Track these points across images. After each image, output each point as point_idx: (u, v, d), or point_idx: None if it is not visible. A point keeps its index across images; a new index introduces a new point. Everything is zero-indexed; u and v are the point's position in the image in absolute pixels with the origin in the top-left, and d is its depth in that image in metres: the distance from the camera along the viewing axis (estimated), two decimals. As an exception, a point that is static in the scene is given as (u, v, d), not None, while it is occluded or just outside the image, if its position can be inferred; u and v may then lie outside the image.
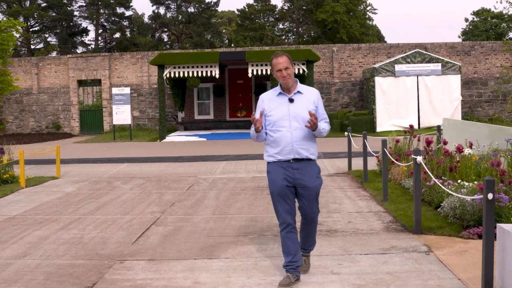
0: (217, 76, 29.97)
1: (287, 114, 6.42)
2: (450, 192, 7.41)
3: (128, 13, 66.67)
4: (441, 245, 7.90)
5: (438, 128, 16.44)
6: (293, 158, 6.41)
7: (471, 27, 65.45)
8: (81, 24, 66.13)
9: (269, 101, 6.57)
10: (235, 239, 8.65)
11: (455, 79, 31.14)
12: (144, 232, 9.30)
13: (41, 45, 65.47)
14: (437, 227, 8.74)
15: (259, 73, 29.57)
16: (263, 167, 17.49)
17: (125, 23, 65.93)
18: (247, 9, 68.27)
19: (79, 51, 65.26)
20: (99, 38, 66.43)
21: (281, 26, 70.62)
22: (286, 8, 68.45)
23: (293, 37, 68.38)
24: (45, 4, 62.14)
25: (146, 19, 70.58)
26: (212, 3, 67.20)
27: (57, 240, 8.84)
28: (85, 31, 66.46)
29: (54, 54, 63.71)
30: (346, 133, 16.28)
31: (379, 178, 13.63)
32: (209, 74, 29.77)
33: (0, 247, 8.49)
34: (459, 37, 68.63)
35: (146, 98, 37.77)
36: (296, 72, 29.31)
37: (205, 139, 29.76)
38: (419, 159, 8.58)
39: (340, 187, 13.39)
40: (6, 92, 33.34)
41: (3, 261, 7.76)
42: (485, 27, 62.69)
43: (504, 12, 36.71)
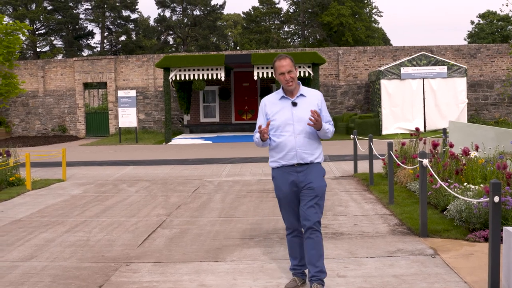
0: (222, 79, 29.99)
1: (290, 118, 6.26)
2: (456, 195, 7.40)
3: (134, 16, 66.83)
4: (447, 248, 7.89)
5: (444, 131, 16.42)
6: (297, 163, 6.27)
7: (477, 29, 65.30)
8: (87, 27, 66.25)
9: (271, 105, 6.43)
10: (241, 241, 8.66)
11: (461, 81, 31.09)
12: (150, 234, 9.31)
13: (47, 48, 65.62)
14: (443, 230, 8.73)
15: (265, 76, 29.56)
16: (268, 170, 17.45)
17: (130, 26, 66.02)
18: (252, 12, 68.27)
19: (85, 54, 65.39)
20: (105, 41, 66.53)
21: (286, 29, 70.61)
22: (291, 11, 68.43)
23: (299, 40, 68.35)
24: (51, 7, 62.26)
25: (151, 22, 70.60)
26: (218, 6, 67.26)
27: (63, 243, 8.85)
28: (91, 34, 66.60)
29: (60, 57, 63.85)
30: (351, 136, 16.26)
31: (385, 181, 13.63)
32: (214, 77, 29.79)
33: (7, 250, 8.51)
34: (465, 39, 68.51)
35: (151, 101, 37.81)
36: (302, 75, 29.33)
37: (210, 142, 29.77)
38: (425, 162, 8.57)
39: (346, 190, 13.38)
40: (12, 95, 33.43)
41: (9, 263, 7.78)
42: (491, 30, 62.57)
43: (510, 14, 36.63)
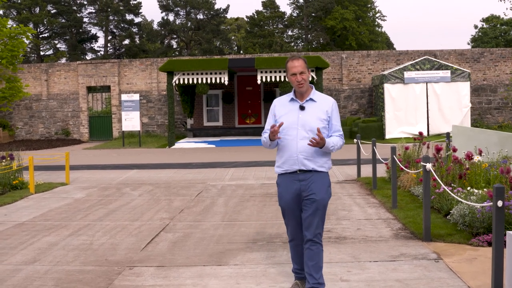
0: (226, 82, 30.01)
1: (295, 122, 6.05)
2: (460, 199, 7.39)
3: (138, 19, 66.90)
4: (451, 252, 7.88)
5: (448, 135, 16.41)
6: (299, 169, 6.05)
7: (480, 34, 65.30)
8: (90, 30, 66.41)
9: (280, 106, 6.25)
10: (244, 246, 8.66)
11: (465, 86, 31.09)
12: (153, 238, 9.31)
13: (50, 52, 65.71)
14: (446, 234, 8.73)
15: (268, 80, 29.58)
16: (272, 174, 17.49)
17: (134, 30, 66.14)
18: (256, 16, 68.34)
19: (88, 58, 65.48)
20: (109, 45, 66.64)
21: (290, 33, 70.67)
22: (295, 15, 68.50)
23: (302, 44, 68.40)
24: (54, 11, 62.41)
25: (155, 26, 70.71)
26: (221, 10, 67.36)
27: (67, 246, 8.86)
28: (95, 37, 66.71)
29: (64, 60, 63.90)
30: (355, 140, 16.26)
31: (388, 185, 13.62)
32: (218, 81, 29.81)
33: (10, 253, 8.51)
34: (468, 44, 68.52)
35: (155, 105, 37.85)
36: (305, 79, 29.28)
37: (214, 146, 29.78)
38: (429, 166, 8.57)
39: (349, 194, 13.38)
40: (16, 98, 33.46)
41: (12, 267, 7.79)
42: (495, 34, 62.55)
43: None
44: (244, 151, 26.15)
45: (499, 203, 5.65)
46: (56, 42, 65.41)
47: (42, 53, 64.42)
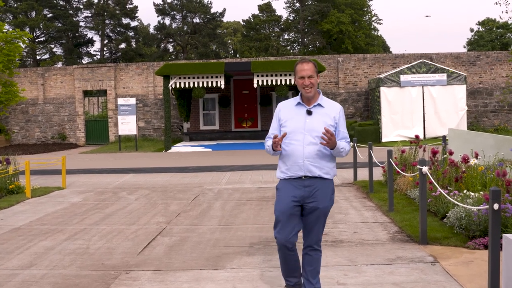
0: (222, 86, 30.02)
1: (302, 127, 5.87)
2: (456, 202, 7.41)
3: (134, 23, 66.99)
4: (447, 255, 7.89)
5: (444, 138, 16.43)
6: (304, 175, 5.86)
7: (476, 37, 65.44)
8: (86, 34, 66.37)
9: (286, 110, 6.05)
10: (240, 249, 8.65)
11: (461, 89, 31.13)
12: (150, 242, 9.31)
13: (46, 56, 65.67)
14: (443, 237, 8.73)
15: (265, 83, 29.59)
16: (268, 177, 17.50)
17: (130, 34, 66.15)
18: (252, 20, 68.44)
19: (84, 62, 65.44)
20: (105, 49, 66.65)
21: (286, 37, 70.77)
22: (291, 18, 68.57)
23: (298, 47, 68.45)
24: (50, 15, 62.40)
25: (151, 30, 70.72)
26: (218, 13, 67.40)
27: (63, 251, 8.85)
28: (91, 41, 66.72)
29: (60, 64, 63.88)
30: (351, 143, 16.27)
31: (385, 189, 13.63)
32: (214, 85, 29.82)
33: (6, 258, 8.50)
34: (464, 47, 68.65)
35: (151, 109, 37.83)
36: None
37: (210, 150, 29.78)
38: (425, 169, 8.58)
39: (346, 198, 13.38)
40: (12, 102, 33.38)
41: (9, 271, 7.78)
42: (491, 37, 62.68)
43: (509, 22, 36.69)
44: (241, 154, 26.15)
45: (495, 206, 5.65)
46: (52, 46, 65.39)
47: (38, 57, 64.40)
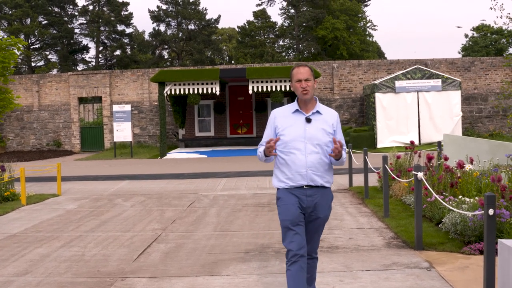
0: (217, 93, 30.02)
1: (302, 135, 5.70)
2: (451, 208, 7.41)
3: (129, 30, 67.03)
4: (443, 261, 7.89)
5: (439, 144, 16.45)
6: (307, 184, 5.69)
7: (471, 43, 65.55)
8: (81, 41, 66.36)
9: (282, 118, 5.85)
10: (236, 256, 8.65)
11: (455, 95, 31.18)
12: (146, 249, 9.30)
13: (41, 63, 65.63)
14: (438, 243, 8.74)
15: (260, 90, 29.62)
16: (264, 183, 17.49)
17: (125, 41, 66.14)
18: (247, 26, 68.47)
19: (79, 69, 65.43)
20: (100, 56, 66.63)
21: (281, 43, 70.82)
22: (286, 25, 68.68)
23: (293, 53, 68.50)
24: (45, 22, 62.39)
25: (146, 37, 70.79)
26: (213, 20, 67.46)
27: (59, 258, 8.83)
28: (86, 48, 66.69)
29: (55, 71, 63.83)
30: (346, 149, 16.27)
31: (380, 194, 13.63)
32: (209, 91, 29.82)
33: (1, 265, 8.48)
34: (459, 53, 68.72)
35: (146, 115, 37.82)
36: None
37: (206, 156, 29.77)
38: (420, 175, 8.59)
39: (341, 204, 13.39)
40: (7, 109, 33.35)
41: (4, 279, 7.76)
42: (485, 43, 62.80)
43: (504, 27, 36.80)
44: (236, 161, 26.15)
45: (490, 211, 5.66)
46: (47, 53, 65.36)
47: (33, 64, 64.35)
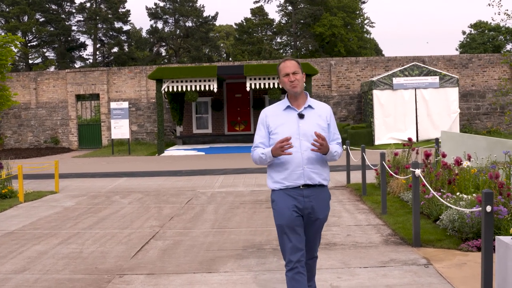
0: (215, 90, 30.01)
1: (296, 132, 5.44)
2: (449, 204, 7.41)
3: (126, 27, 66.84)
4: (440, 257, 7.90)
5: (437, 141, 16.46)
6: (304, 184, 5.44)
7: (468, 39, 65.58)
8: (79, 38, 66.24)
9: (274, 116, 5.59)
10: (234, 253, 8.65)
11: (453, 91, 31.19)
12: (143, 246, 9.29)
13: (39, 60, 65.56)
14: (436, 240, 8.75)
15: (257, 87, 29.61)
16: (261, 180, 17.49)
17: (123, 38, 66.07)
18: (245, 23, 68.42)
19: (77, 66, 65.37)
20: (97, 53, 66.55)
21: (279, 40, 70.75)
22: (283, 22, 68.61)
23: (291, 50, 68.47)
24: (43, 19, 62.29)
25: (144, 34, 70.70)
26: (210, 17, 67.38)
27: (56, 255, 8.83)
28: (83, 45, 66.56)
29: (52, 69, 63.78)
30: (344, 146, 16.29)
31: (378, 191, 13.64)
32: (207, 88, 29.81)
33: (0, 262, 8.48)
34: (456, 50, 68.78)
35: (144, 113, 37.79)
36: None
37: (203, 153, 29.76)
38: (418, 172, 8.59)
39: (339, 201, 13.39)
40: (4, 107, 33.21)
41: (2, 276, 7.75)
42: (483, 40, 62.82)
43: (501, 24, 36.84)
44: (234, 158, 26.14)
45: (488, 208, 5.66)
46: (45, 50, 65.29)
47: (30, 61, 64.26)
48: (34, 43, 63.71)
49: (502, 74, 36.13)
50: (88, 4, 63.74)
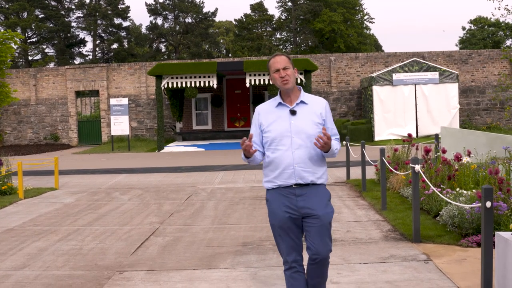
0: (215, 86, 30.01)
1: (288, 130, 5.22)
2: (449, 200, 7.41)
3: (126, 23, 66.80)
4: (440, 253, 7.90)
5: (436, 137, 16.45)
6: (295, 183, 5.21)
7: (468, 35, 65.53)
8: (78, 35, 66.17)
9: (266, 113, 5.39)
10: (234, 249, 8.65)
11: (453, 87, 31.20)
12: (143, 242, 9.29)
13: (38, 56, 65.50)
14: (436, 235, 8.75)
15: (257, 83, 29.61)
16: (261, 177, 17.45)
17: (122, 34, 65.98)
18: (244, 19, 68.37)
19: (76, 62, 65.29)
20: (97, 49, 66.48)
21: (278, 36, 70.76)
22: (283, 18, 68.56)
23: (291, 46, 68.47)
24: (42, 16, 62.23)
25: (143, 30, 70.64)
26: (210, 13, 67.32)
27: (56, 252, 8.83)
28: (83, 42, 66.52)
29: (52, 65, 63.73)
30: (344, 142, 16.28)
31: (378, 187, 13.65)
32: (207, 84, 29.81)
33: (-1, 259, 8.48)
34: (456, 45, 68.77)
35: (144, 109, 37.79)
36: (294, 81, 29.35)
37: (203, 149, 29.77)
38: (418, 167, 8.59)
39: (339, 196, 13.39)
40: (4, 103, 33.25)
41: (2, 272, 7.75)
42: (482, 36, 62.78)
43: (501, 19, 36.85)
44: (234, 154, 26.13)
45: (488, 204, 5.66)
46: (44, 46, 65.21)
47: (30, 58, 64.20)
48: (34, 40, 63.64)
49: (502, 70, 36.14)
50: (88, 0, 63.68)
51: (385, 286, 6.67)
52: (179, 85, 29.81)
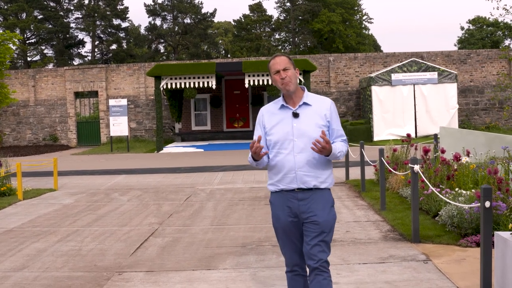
0: (213, 87, 30.02)
1: (290, 133, 5.06)
2: (448, 200, 7.42)
3: (125, 24, 66.76)
4: (439, 253, 7.90)
5: (435, 137, 16.46)
6: (297, 187, 5.05)
7: (466, 35, 65.50)
8: (77, 36, 66.19)
9: (270, 115, 5.23)
10: (233, 249, 8.65)
11: (452, 87, 31.22)
12: (142, 243, 9.29)
13: (37, 57, 65.47)
14: (435, 235, 8.75)
15: (256, 83, 29.62)
16: (260, 177, 17.50)
17: (121, 35, 65.98)
18: (243, 20, 68.35)
19: (75, 63, 65.28)
20: (96, 50, 66.45)
21: (277, 36, 70.72)
22: (282, 18, 68.53)
23: (290, 47, 68.45)
24: (41, 17, 62.21)
25: (142, 31, 70.58)
26: (209, 14, 67.31)
27: (55, 252, 8.82)
28: (82, 43, 66.51)
29: (51, 66, 63.70)
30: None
31: (377, 187, 13.64)
32: (206, 85, 29.82)
33: (-2, 260, 8.48)
34: (455, 45, 68.70)
35: (143, 110, 37.79)
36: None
37: (202, 150, 29.77)
38: (417, 167, 8.59)
39: (338, 197, 13.38)
40: (3, 104, 33.33)
41: (1, 273, 7.75)
42: (481, 35, 62.76)
43: (500, 19, 36.91)
44: (233, 154, 26.14)
45: (487, 203, 5.66)
46: (43, 47, 65.21)
47: (29, 59, 64.18)
48: (33, 41, 63.64)
49: (500, 70, 36.16)
50: (87, 1, 63.66)
51: (384, 286, 6.67)
52: (178, 86, 29.82)
